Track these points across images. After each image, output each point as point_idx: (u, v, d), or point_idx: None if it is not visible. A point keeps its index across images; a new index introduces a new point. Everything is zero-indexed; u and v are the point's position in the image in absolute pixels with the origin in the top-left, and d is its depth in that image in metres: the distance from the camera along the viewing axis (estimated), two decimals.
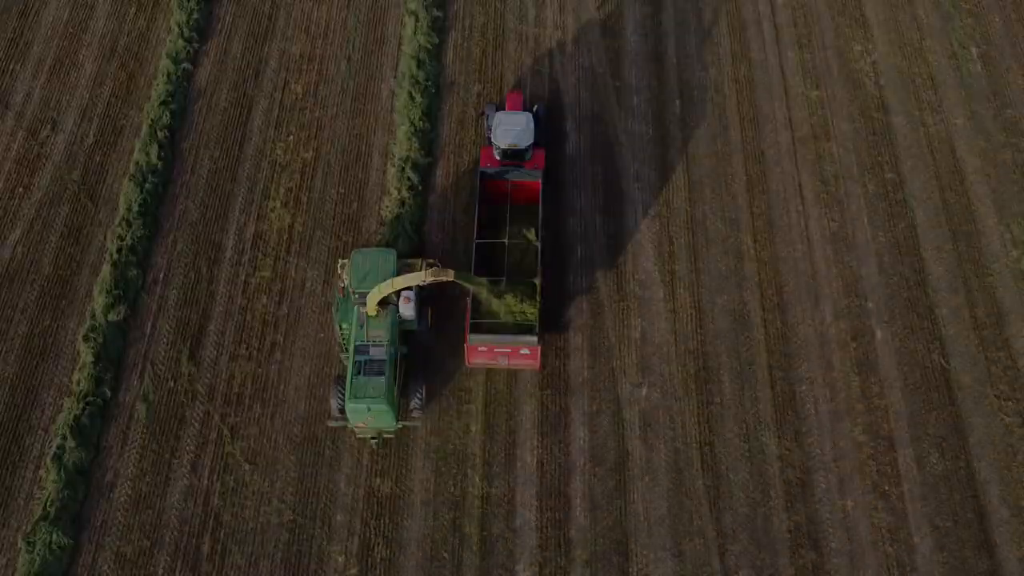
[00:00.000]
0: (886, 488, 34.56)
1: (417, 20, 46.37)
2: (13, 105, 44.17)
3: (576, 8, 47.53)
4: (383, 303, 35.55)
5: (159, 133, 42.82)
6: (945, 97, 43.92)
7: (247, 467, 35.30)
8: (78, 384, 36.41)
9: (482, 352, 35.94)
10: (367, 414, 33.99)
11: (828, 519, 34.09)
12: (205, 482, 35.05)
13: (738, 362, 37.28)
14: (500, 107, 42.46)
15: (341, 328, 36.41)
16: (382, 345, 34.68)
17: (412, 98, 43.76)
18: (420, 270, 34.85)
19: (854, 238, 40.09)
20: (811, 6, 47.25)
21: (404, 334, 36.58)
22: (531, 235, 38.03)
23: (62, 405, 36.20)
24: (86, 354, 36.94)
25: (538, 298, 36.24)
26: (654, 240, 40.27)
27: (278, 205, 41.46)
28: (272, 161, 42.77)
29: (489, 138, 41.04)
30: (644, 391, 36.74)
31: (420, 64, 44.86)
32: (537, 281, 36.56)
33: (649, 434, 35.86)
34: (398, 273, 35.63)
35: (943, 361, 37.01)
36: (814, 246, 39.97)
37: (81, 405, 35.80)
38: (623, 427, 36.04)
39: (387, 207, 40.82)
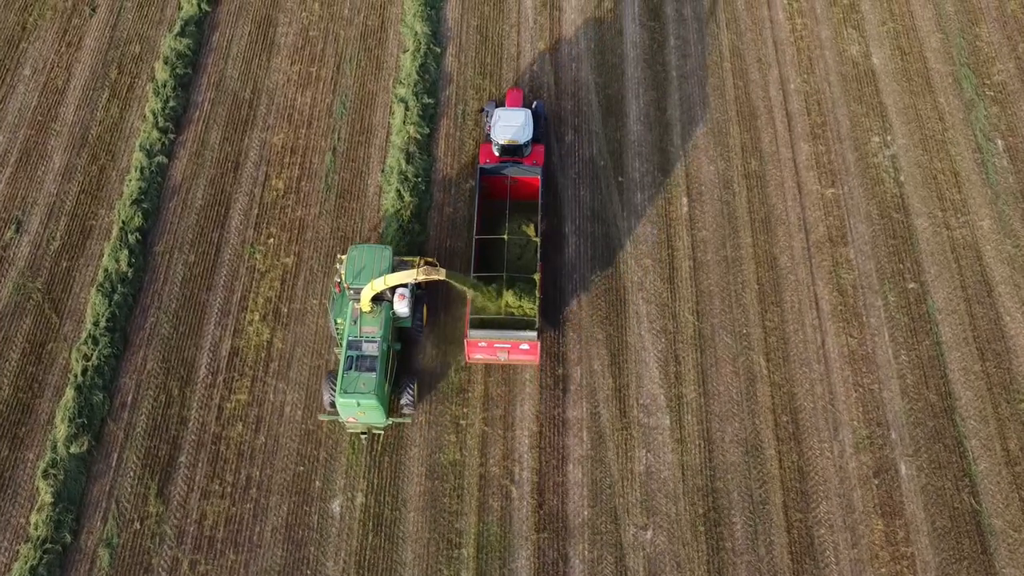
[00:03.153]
0: None
1: (407, 108, 43.61)
2: None
3: (575, 93, 44.78)
4: (377, 299, 35.39)
5: (130, 236, 40.05)
6: (970, 196, 41.14)
7: None
8: (36, 528, 33.56)
9: (482, 348, 35.79)
10: (357, 409, 33.95)
11: None
12: None
13: (751, 501, 34.45)
14: (500, 104, 42.62)
15: (336, 323, 36.38)
16: (375, 341, 34.48)
17: (400, 196, 40.98)
18: (416, 268, 34.41)
19: (875, 357, 37.28)
20: (825, 92, 44.47)
21: (398, 331, 36.56)
22: (530, 231, 38.26)
23: (17, 552, 33.37)
24: (45, 493, 34.10)
25: (537, 293, 36.26)
26: (660, 359, 37.45)
27: (256, 318, 38.65)
28: (251, 267, 39.98)
29: (488, 135, 40.74)
30: (649, 534, 33.90)
31: (410, 158, 42.08)
32: (536, 277, 36.51)
33: None
34: (394, 270, 35.59)
35: (974, 502, 34.18)
36: (832, 366, 37.15)
37: (38, 554, 32.96)
38: None
39: None
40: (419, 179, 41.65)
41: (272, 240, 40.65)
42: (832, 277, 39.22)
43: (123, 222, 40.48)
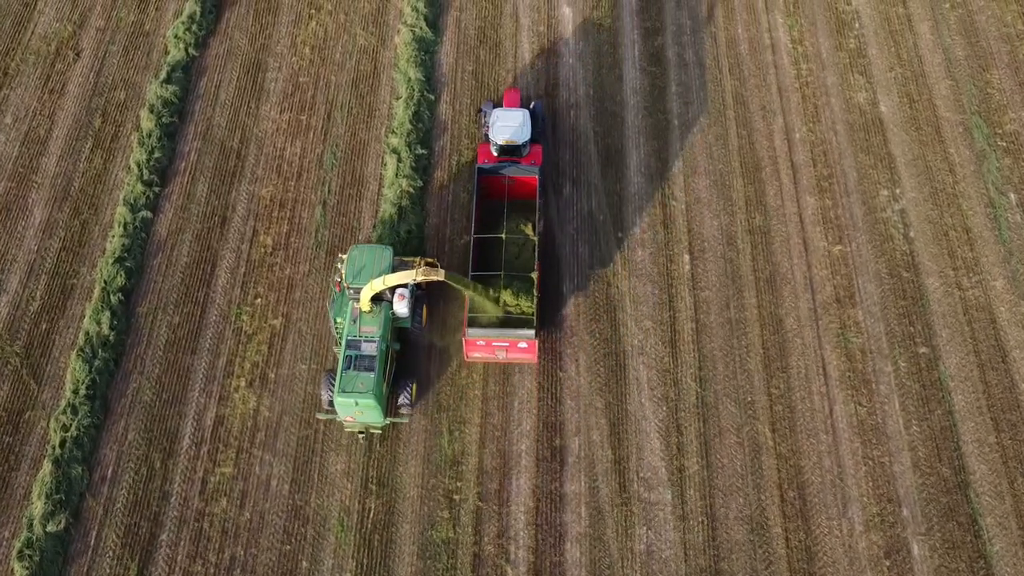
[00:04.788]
0: None
1: (399, 160, 42.21)
2: None
3: (574, 143, 43.38)
4: (377, 299, 35.55)
5: (112, 297, 38.65)
6: (982, 254, 39.70)
7: None
8: None
9: (480, 346, 36.01)
10: (355, 408, 34.02)
11: None
12: None
13: None
14: (497, 104, 43.04)
15: (336, 322, 36.46)
16: (374, 341, 34.60)
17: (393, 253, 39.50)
18: (415, 268, 34.35)
19: (885, 427, 35.83)
20: (832, 142, 43.05)
21: (397, 331, 36.73)
22: (528, 230, 38.49)
23: None
24: (20, 575, 32.72)
25: (535, 292, 36.40)
26: (661, 429, 36.02)
27: (242, 384, 37.22)
28: (237, 329, 38.57)
29: (486, 135, 40.83)
30: None
31: (402, 213, 40.65)
32: (534, 275, 36.69)
33: None
34: (394, 270, 35.69)
35: None
36: (840, 437, 35.70)
37: None
38: None
39: None
40: (412, 235, 40.22)
41: (259, 300, 39.24)
42: (840, 341, 37.78)
43: (105, 281, 39.09)
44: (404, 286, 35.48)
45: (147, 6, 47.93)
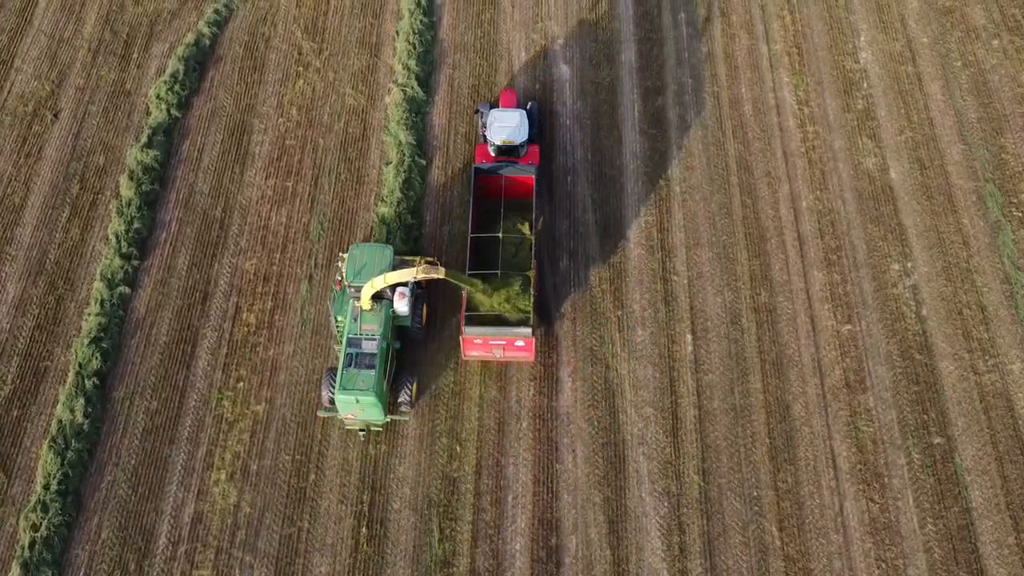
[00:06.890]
0: None
1: (389, 231, 40.45)
2: None
3: (571, 211, 41.65)
4: (377, 298, 35.97)
5: (87, 382, 36.87)
6: (998, 335, 37.93)
7: None
8: None
9: (477, 344, 36.25)
10: (356, 406, 34.39)
11: None
12: None
13: None
14: (494, 105, 43.34)
15: (336, 321, 36.74)
16: (374, 339, 34.95)
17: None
18: (416, 267, 34.80)
19: (898, 526, 34.04)
20: (840, 211, 41.29)
21: (397, 329, 37.08)
22: (525, 229, 38.90)
23: None
24: None
25: (532, 291, 36.75)
26: (662, 526, 34.22)
27: (223, 477, 35.42)
28: (218, 416, 36.77)
29: (484, 135, 41.33)
30: None
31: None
32: (531, 274, 37.14)
33: None
34: (394, 269, 36.08)
35: None
36: (851, 537, 33.90)
37: None
38: None
39: (348, 483, 34.87)
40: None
41: (242, 384, 37.45)
42: (850, 430, 36.00)
43: (80, 364, 37.31)
44: (404, 284, 35.93)
45: (128, 64, 46.23)
